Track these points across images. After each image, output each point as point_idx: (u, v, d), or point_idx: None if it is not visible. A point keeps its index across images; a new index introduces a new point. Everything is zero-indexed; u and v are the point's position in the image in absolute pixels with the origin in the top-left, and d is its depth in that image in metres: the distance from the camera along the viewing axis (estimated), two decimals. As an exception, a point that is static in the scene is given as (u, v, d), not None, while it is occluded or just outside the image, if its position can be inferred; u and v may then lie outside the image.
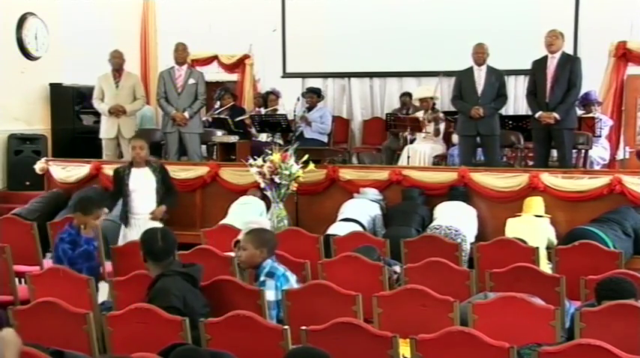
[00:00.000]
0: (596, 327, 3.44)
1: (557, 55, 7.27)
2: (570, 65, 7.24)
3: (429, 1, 10.09)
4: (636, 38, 9.18)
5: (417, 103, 8.94)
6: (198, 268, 4.05)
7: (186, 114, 8.16)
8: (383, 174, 7.15)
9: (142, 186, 6.06)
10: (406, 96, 9.72)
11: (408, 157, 8.21)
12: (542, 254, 5.39)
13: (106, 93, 8.32)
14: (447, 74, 8.65)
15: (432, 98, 8.71)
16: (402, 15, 10.09)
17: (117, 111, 8.20)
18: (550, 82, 7.24)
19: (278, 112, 9.33)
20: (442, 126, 8.60)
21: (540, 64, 7.35)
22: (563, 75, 7.20)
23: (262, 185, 6.59)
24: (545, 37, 7.29)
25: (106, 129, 8.34)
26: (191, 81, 8.28)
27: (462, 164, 7.43)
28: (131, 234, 5.93)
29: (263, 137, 9.17)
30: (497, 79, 7.60)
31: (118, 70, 8.35)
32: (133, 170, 6.08)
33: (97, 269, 5.11)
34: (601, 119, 8.41)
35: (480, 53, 7.56)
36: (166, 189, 6.15)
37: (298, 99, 9.25)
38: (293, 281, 4.20)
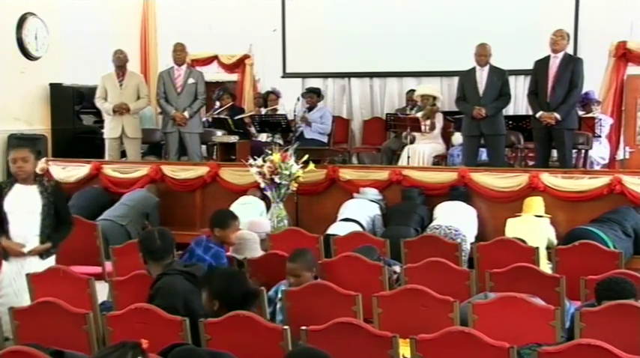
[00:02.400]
0: (596, 327, 3.44)
1: (560, 55, 7.26)
2: (572, 66, 7.24)
3: (430, 1, 10.09)
4: (636, 38, 9.17)
5: (418, 100, 8.94)
6: (199, 267, 4.06)
7: (186, 113, 8.17)
8: (383, 174, 7.15)
9: (23, 207, 4.57)
10: (412, 92, 9.70)
11: (408, 157, 8.20)
12: (542, 254, 5.39)
13: (110, 92, 8.32)
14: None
15: (433, 97, 8.71)
16: (402, 15, 10.08)
17: (121, 110, 8.21)
18: (552, 82, 7.24)
19: (278, 112, 9.34)
20: (438, 122, 8.58)
21: (542, 64, 7.35)
22: (565, 75, 7.20)
23: (262, 185, 6.59)
24: (551, 35, 7.28)
25: (110, 129, 8.34)
26: (190, 80, 8.29)
27: (466, 165, 7.42)
28: (10, 267, 4.63)
29: (263, 137, 9.17)
30: (500, 78, 7.59)
31: (121, 69, 8.35)
32: (17, 186, 4.59)
33: None
34: (601, 119, 8.42)
35: (482, 55, 7.53)
36: (59, 218, 4.66)
37: (298, 99, 9.25)
38: None
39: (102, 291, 4.65)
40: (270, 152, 6.54)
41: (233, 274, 3.95)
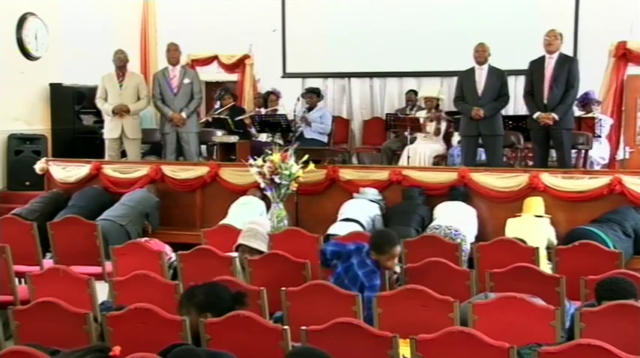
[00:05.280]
0: (596, 327, 3.44)
1: (555, 56, 7.26)
2: (568, 66, 7.24)
3: (429, 1, 10.10)
4: (636, 38, 9.18)
5: (422, 102, 8.95)
6: None
7: (183, 114, 8.17)
8: (383, 174, 7.14)
9: None
10: (412, 92, 9.69)
11: (408, 157, 8.21)
12: (542, 254, 5.39)
13: (110, 92, 8.31)
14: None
15: (437, 98, 8.72)
16: (402, 15, 10.10)
17: (121, 111, 8.20)
18: (548, 82, 7.24)
19: (278, 112, 9.34)
20: (443, 126, 8.59)
21: (538, 65, 7.35)
22: (562, 75, 7.20)
23: (262, 185, 6.59)
24: (545, 36, 7.29)
25: (110, 130, 8.34)
26: (186, 80, 8.30)
27: (464, 165, 7.42)
28: None
29: (263, 137, 9.17)
30: (499, 78, 7.59)
31: (121, 69, 8.34)
32: None
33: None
34: (601, 119, 8.42)
35: (480, 51, 7.55)
36: None
37: (298, 99, 9.25)
38: None
39: (102, 291, 4.65)
40: (270, 152, 6.54)
41: (214, 284, 3.75)
